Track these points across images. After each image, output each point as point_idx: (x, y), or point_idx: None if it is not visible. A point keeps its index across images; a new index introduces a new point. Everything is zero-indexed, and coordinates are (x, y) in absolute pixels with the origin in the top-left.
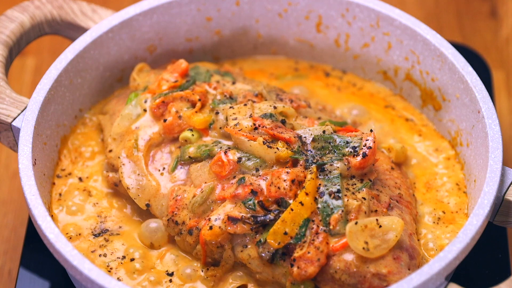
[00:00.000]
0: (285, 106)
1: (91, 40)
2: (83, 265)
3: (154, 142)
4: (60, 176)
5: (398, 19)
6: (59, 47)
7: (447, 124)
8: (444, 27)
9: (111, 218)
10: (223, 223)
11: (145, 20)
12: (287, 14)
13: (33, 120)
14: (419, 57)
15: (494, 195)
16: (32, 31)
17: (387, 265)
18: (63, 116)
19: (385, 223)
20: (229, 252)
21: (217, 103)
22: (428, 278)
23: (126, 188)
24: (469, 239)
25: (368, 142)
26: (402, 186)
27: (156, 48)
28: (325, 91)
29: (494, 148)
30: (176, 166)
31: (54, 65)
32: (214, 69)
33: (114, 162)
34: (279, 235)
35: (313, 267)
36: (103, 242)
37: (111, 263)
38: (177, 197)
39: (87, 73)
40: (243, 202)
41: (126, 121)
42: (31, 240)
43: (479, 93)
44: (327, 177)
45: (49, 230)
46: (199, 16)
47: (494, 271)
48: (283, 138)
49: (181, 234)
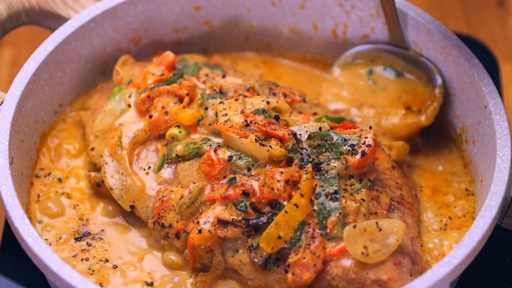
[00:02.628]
0: (278, 101)
1: (72, 30)
2: (63, 271)
3: (139, 139)
4: (39, 175)
5: (399, 8)
6: (37, 38)
7: (452, 120)
8: (449, 17)
9: (93, 221)
10: (212, 227)
11: (129, 9)
12: (281, 3)
13: (10, 116)
14: (422, 48)
15: (502, 196)
16: (9, 21)
17: (387, 271)
18: (42, 112)
19: (385, 226)
20: (219, 257)
21: (206, 98)
22: (432, 285)
23: (109, 188)
24: (476, 243)
25: (367, 139)
26: (403, 186)
27: (141, 39)
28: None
29: (502, 146)
30: (162, 165)
31: (33, 57)
32: (203, 62)
33: (96, 161)
34: (272, 239)
35: (309, 274)
36: (85, 246)
37: (93, 267)
38: (164, 198)
39: (67, 66)
40: (234, 204)
41: (109, 117)
42: (8, 244)
43: (486, 87)
44: (323, 177)
45: (27, 233)
46: (187, 4)
47: (502, 277)
48: (277, 136)
49: (168, 237)
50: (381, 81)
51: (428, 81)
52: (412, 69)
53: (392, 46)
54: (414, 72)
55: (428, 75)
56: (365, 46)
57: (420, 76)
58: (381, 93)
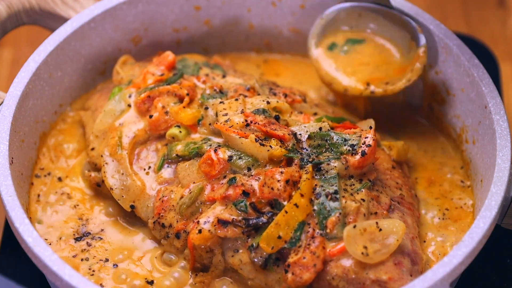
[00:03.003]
0: (279, 101)
1: (72, 30)
2: (63, 271)
3: (139, 139)
4: (39, 175)
5: (399, 8)
6: (37, 38)
7: (452, 120)
8: (449, 16)
9: (93, 221)
10: (212, 226)
11: (129, 9)
12: (281, 3)
13: (10, 116)
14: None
15: (502, 196)
16: (9, 21)
17: (387, 271)
18: (42, 111)
19: (385, 226)
20: (219, 257)
21: (206, 97)
22: (432, 285)
23: (109, 188)
24: (476, 243)
25: (367, 139)
26: (403, 186)
27: (141, 39)
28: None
29: (502, 146)
30: (162, 165)
31: (33, 57)
32: (203, 62)
33: (96, 161)
34: (272, 239)
35: (309, 273)
36: (85, 246)
37: (93, 267)
38: (164, 198)
39: (67, 66)
40: (234, 204)
41: (109, 117)
42: (8, 244)
43: (486, 87)
44: (323, 177)
45: (27, 233)
46: (187, 4)
47: (502, 277)
48: (277, 135)
49: (168, 237)
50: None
51: (412, 40)
52: (395, 29)
53: (375, 4)
54: (397, 32)
55: (412, 34)
56: (346, 4)
57: (404, 36)
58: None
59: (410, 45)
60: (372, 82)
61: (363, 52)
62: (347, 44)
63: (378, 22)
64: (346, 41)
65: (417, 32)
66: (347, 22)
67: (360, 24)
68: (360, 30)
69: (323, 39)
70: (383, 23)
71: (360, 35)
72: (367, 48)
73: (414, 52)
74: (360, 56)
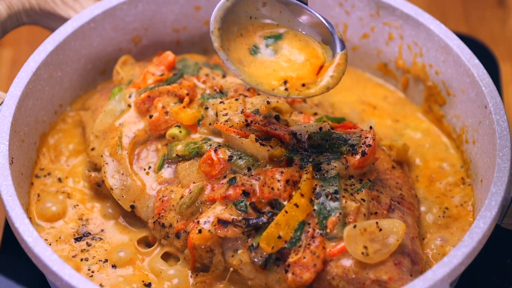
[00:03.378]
0: (279, 101)
1: (72, 30)
2: (63, 271)
3: (139, 139)
4: (39, 175)
5: (399, 8)
6: (37, 38)
7: (452, 120)
8: (448, 16)
9: (93, 221)
10: (212, 226)
11: (129, 9)
12: None
13: (10, 116)
14: (422, 48)
15: (502, 196)
16: (9, 21)
17: (387, 271)
18: (42, 112)
19: (385, 226)
20: (219, 257)
21: (207, 97)
22: (432, 285)
23: (109, 188)
24: (476, 243)
25: (367, 139)
26: (403, 186)
27: (141, 39)
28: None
29: (502, 146)
30: (162, 165)
31: (33, 57)
32: (203, 62)
33: (96, 161)
34: (272, 239)
35: (309, 273)
36: (85, 246)
37: (93, 267)
38: (164, 198)
39: (67, 66)
40: (234, 204)
41: (109, 117)
42: (8, 244)
43: (486, 87)
44: (323, 177)
45: (27, 233)
46: (187, 4)
47: (502, 278)
48: (277, 135)
49: (168, 237)
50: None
51: (324, 44)
52: (308, 27)
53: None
54: (309, 30)
55: (324, 37)
56: None
57: (316, 37)
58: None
59: (323, 48)
60: (289, 81)
61: (282, 50)
62: (267, 42)
63: (288, 14)
64: (263, 38)
65: (335, 36)
66: (253, 11)
67: (272, 15)
68: (269, 23)
69: (228, 29)
70: (292, 17)
71: (274, 30)
72: (287, 44)
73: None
74: (279, 55)
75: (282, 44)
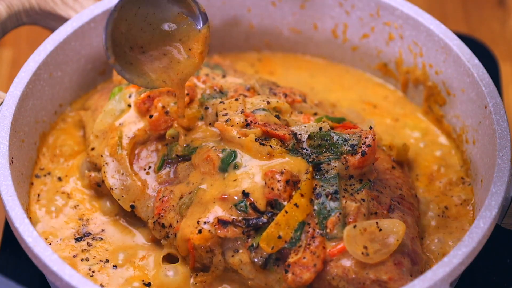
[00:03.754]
0: (279, 101)
1: (72, 30)
2: (63, 271)
3: (139, 139)
4: (39, 175)
5: (399, 8)
6: (37, 38)
7: (452, 120)
8: (448, 16)
9: (93, 221)
10: (212, 227)
11: None
12: (281, 3)
13: (10, 116)
14: (422, 48)
15: (502, 196)
16: (9, 21)
17: (387, 271)
18: (42, 111)
19: (385, 226)
20: (219, 257)
21: (207, 97)
22: (432, 285)
23: (109, 188)
24: (476, 243)
25: (367, 139)
26: (403, 186)
27: None
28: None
29: (502, 146)
30: (162, 165)
31: (33, 57)
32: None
33: (96, 161)
34: (272, 239)
35: (309, 273)
36: (86, 246)
37: (93, 267)
38: (164, 198)
39: (67, 66)
40: (234, 204)
41: (109, 117)
42: (8, 244)
43: (486, 87)
44: (323, 177)
45: (27, 233)
46: None
47: (503, 278)
48: (277, 135)
49: (168, 237)
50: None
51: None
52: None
53: None
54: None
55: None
56: None
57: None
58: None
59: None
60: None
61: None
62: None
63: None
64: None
65: (197, 8)
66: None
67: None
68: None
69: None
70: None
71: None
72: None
73: (192, 31)
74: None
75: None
